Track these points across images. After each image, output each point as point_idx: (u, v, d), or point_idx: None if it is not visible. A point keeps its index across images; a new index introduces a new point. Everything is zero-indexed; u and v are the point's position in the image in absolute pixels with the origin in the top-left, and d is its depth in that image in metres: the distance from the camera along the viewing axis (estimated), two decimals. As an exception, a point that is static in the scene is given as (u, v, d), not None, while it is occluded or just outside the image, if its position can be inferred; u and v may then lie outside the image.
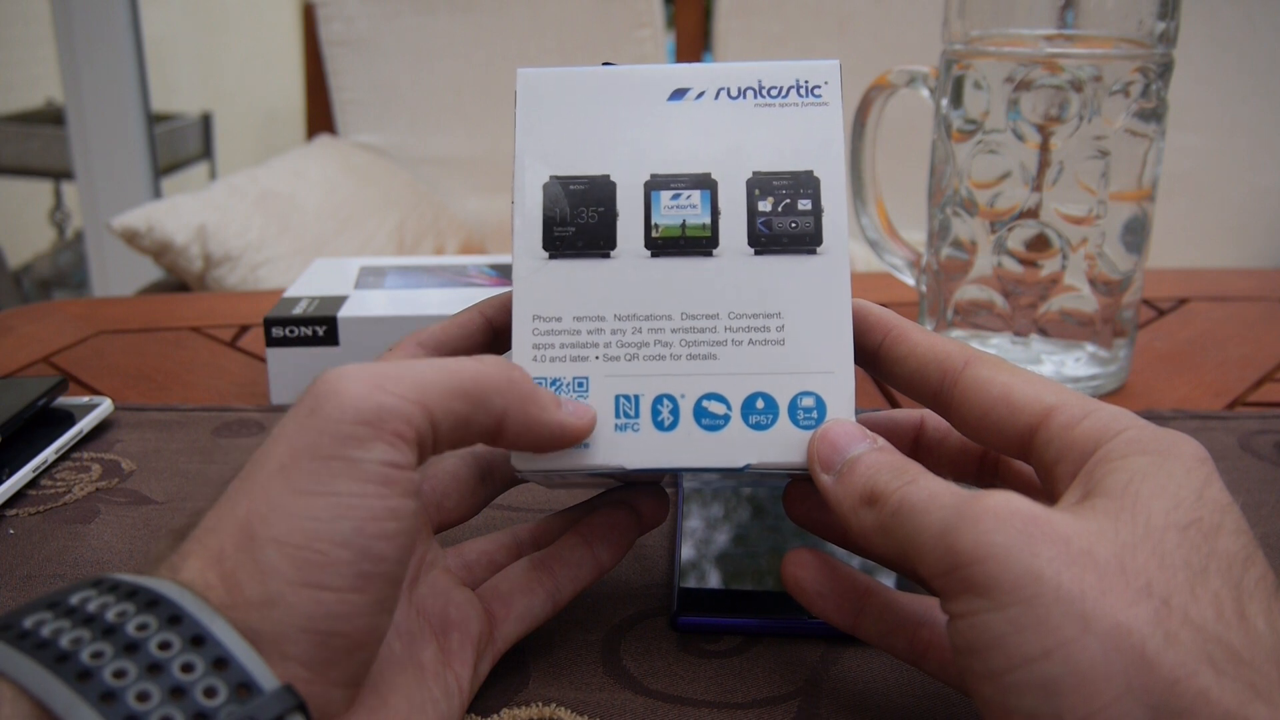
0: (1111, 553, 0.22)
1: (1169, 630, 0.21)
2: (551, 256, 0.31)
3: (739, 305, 0.31)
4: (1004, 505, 0.23)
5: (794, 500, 0.32)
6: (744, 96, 0.33)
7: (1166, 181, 0.61)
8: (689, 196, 0.32)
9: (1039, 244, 0.53)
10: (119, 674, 0.21)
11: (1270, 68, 1.55)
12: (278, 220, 1.47)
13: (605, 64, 0.33)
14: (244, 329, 0.69)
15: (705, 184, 0.32)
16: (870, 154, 0.61)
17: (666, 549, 0.40)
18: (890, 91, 0.59)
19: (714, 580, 0.37)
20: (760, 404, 0.31)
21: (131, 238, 1.34)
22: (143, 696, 0.20)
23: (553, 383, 0.31)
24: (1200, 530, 0.23)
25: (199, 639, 0.22)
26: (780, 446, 0.30)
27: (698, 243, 0.32)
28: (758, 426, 0.30)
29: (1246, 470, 0.46)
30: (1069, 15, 0.51)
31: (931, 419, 0.33)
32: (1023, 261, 0.54)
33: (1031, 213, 0.53)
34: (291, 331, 0.53)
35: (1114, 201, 0.52)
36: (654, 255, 0.31)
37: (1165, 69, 0.52)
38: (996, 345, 0.56)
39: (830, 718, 0.30)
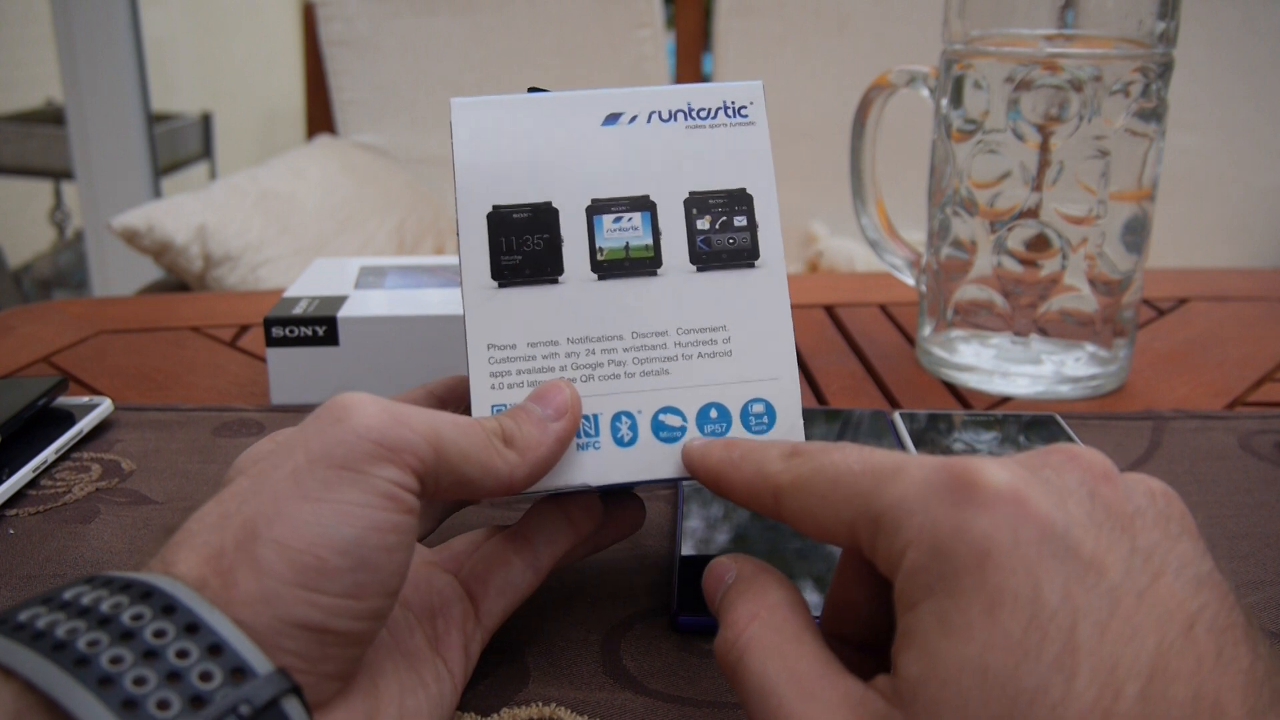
0: None
1: None
2: (501, 285, 0.32)
3: (686, 321, 0.32)
4: None
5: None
6: (675, 119, 0.34)
7: (1166, 181, 0.61)
8: (630, 219, 0.33)
9: (1039, 244, 0.53)
10: (115, 660, 0.21)
11: (1269, 68, 1.55)
12: (278, 220, 1.47)
13: (532, 89, 0.34)
14: (244, 329, 0.69)
15: (645, 206, 0.33)
16: (870, 154, 0.61)
17: (667, 549, 0.40)
18: (890, 91, 0.59)
19: (714, 580, 0.37)
20: (714, 414, 0.32)
21: (131, 238, 1.35)
22: (140, 681, 0.21)
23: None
24: None
25: (193, 627, 0.22)
26: None
27: (642, 263, 0.33)
28: (713, 435, 0.32)
29: (1246, 470, 0.46)
30: (1069, 15, 0.51)
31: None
32: (1023, 261, 0.54)
33: (1031, 213, 0.53)
34: (291, 331, 0.53)
35: (1114, 201, 0.52)
36: (601, 278, 0.32)
37: (1165, 69, 0.52)
38: (996, 345, 0.56)
39: (830, 717, 0.30)
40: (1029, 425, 0.50)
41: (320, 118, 1.85)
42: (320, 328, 0.53)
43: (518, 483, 0.29)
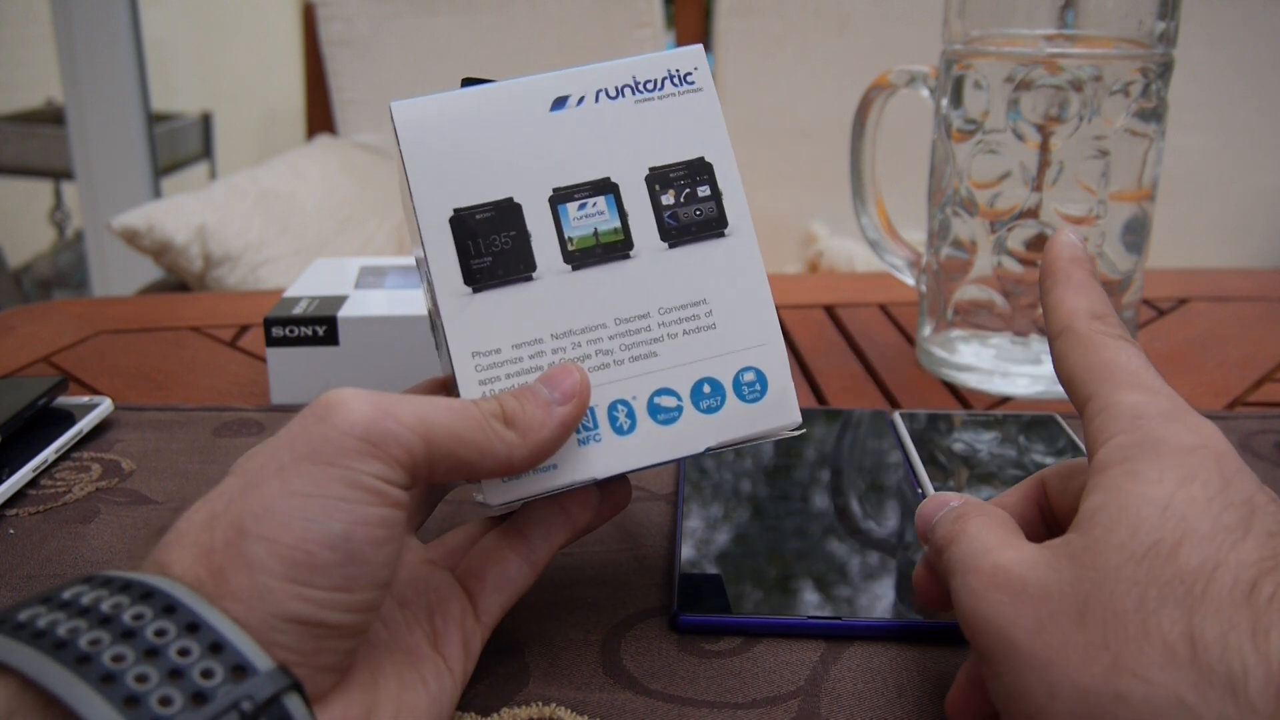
0: (1073, 608, 0.24)
1: (1119, 690, 0.22)
2: (475, 290, 0.31)
3: (666, 300, 0.32)
4: (988, 572, 0.26)
5: (922, 588, 0.32)
6: (623, 95, 0.33)
7: (1166, 181, 0.61)
8: (595, 204, 0.32)
9: (1039, 244, 0.53)
10: (117, 658, 0.21)
11: (1268, 68, 1.55)
12: (278, 220, 1.47)
13: (467, 80, 0.33)
14: (244, 329, 0.69)
15: (607, 189, 0.32)
16: (870, 154, 0.61)
17: (666, 549, 0.40)
18: (890, 91, 0.59)
19: (714, 579, 0.37)
20: (707, 389, 0.32)
21: (131, 238, 1.35)
22: (141, 678, 0.21)
23: None
24: (1158, 554, 0.23)
25: (194, 626, 0.22)
26: (734, 423, 0.32)
27: (613, 248, 0.32)
28: (709, 410, 0.32)
29: (1246, 470, 0.46)
30: (1069, 15, 0.51)
31: (1051, 480, 0.32)
32: (1023, 261, 0.54)
33: (1031, 213, 0.53)
34: (291, 331, 0.53)
35: (1114, 201, 0.52)
36: (575, 269, 0.32)
37: (1165, 69, 0.52)
38: (996, 345, 0.56)
39: (830, 718, 0.30)
40: (1029, 425, 0.50)
41: (320, 118, 1.85)
42: (320, 328, 0.53)
43: (517, 463, 0.28)
